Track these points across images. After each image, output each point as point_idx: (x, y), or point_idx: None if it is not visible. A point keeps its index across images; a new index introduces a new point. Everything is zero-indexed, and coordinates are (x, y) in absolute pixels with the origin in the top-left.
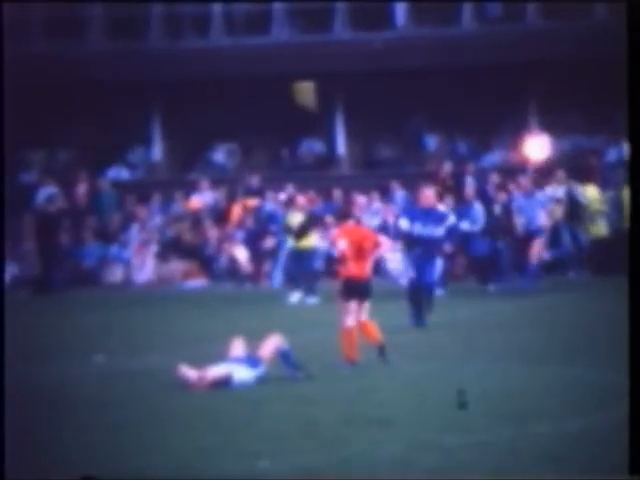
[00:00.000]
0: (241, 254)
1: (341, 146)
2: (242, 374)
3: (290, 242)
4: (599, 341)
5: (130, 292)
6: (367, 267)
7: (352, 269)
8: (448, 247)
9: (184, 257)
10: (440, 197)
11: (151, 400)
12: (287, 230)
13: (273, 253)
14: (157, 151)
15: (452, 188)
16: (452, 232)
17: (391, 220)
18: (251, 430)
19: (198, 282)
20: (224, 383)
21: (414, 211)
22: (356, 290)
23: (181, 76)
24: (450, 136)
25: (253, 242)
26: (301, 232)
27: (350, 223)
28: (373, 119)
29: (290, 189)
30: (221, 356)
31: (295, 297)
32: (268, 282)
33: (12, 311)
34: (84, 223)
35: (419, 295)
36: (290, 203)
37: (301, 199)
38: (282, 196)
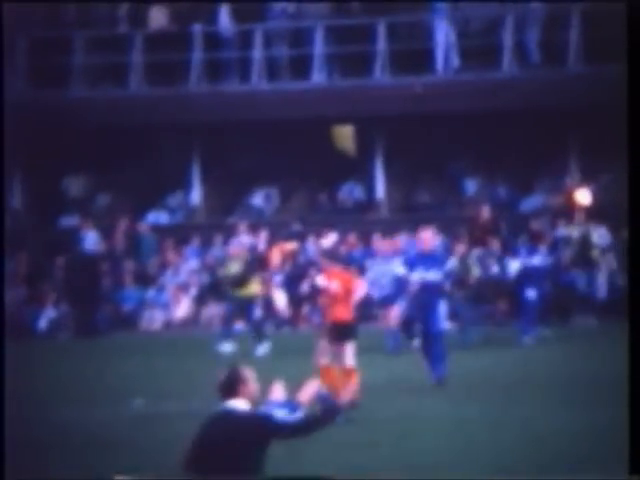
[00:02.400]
0: (279, 298)
1: (380, 190)
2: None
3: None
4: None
5: (168, 336)
6: (352, 310)
7: (342, 312)
8: (442, 289)
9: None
10: (481, 240)
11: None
12: (225, 279)
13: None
14: (196, 195)
15: (492, 231)
16: (449, 275)
17: None
18: (290, 472)
19: (236, 326)
20: None
21: (415, 256)
22: (346, 332)
23: (221, 120)
24: (490, 180)
25: (292, 286)
26: (240, 280)
27: (336, 266)
28: (413, 163)
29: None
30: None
31: (227, 347)
32: (307, 325)
33: (53, 354)
34: (123, 267)
35: (431, 346)
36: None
37: (235, 249)
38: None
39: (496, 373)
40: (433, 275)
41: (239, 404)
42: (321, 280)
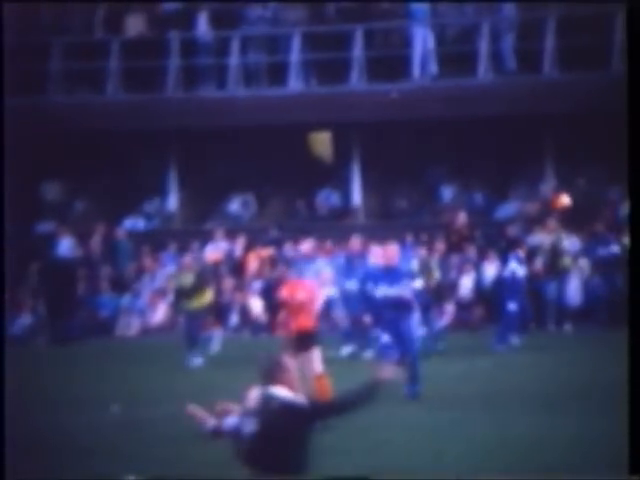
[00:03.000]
0: (256, 304)
1: (357, 197)
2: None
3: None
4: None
5: (144, 342)
6: (314, 318)
7: (306, 320)
8: (410, 307)
9: None
10: (457, 247)
11: (164, 451)
12: (179, 291)
13: None
14: (173, 201)
15: (469, 238)
16: (421, 294)
17: None
18: None
19: (213, 332)
20: (235, 434)
21: (376, 271)
22: (311, 340)
23: (197, 127)
24: (466, 187)
25: (269, 292)
26: (193, 292)
27: (293, 276)
28: (389, 170)
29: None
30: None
31: (196, 361)
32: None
33: (28, 360)
34: (100, 273)
35: (407, 364)
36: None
37: (188, 259)
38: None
39: (471, 380)
40: (400, 289)
41: (279, 392)
42: (283, 292)
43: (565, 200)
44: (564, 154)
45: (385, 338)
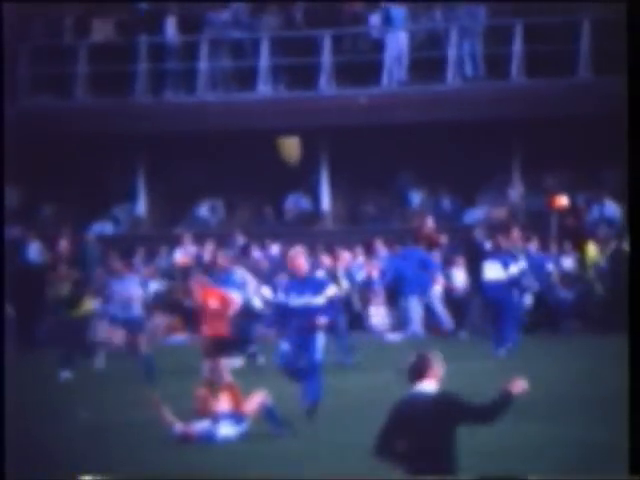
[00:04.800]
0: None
1: (326, 202)
2: (226, 430)
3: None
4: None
5: (112, 346)
6: (228, 325)
7: (221, 327)
8: (324, 319)
9: (168, 312)
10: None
11: (133, 456)
12: (56, 301)
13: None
14: (141, 206)
15: (437, 243)
16: (333, 303)
17: (375, 275)
18: None
19: (181, 337)
20: (207, 438)
21: (288, 280)
22: (223, 347)
23: (166, 131)
24: (434, 192)
25: None
26: (72, 301)
27: (204, 283)
28: (358, 174)
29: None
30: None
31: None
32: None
33: None
34: (68, 278)
35: (299, 377)
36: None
37: (63, 269)
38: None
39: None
40: (309, 299)
41: (428, 386)
42: (197, 298)
43: (563, 201)
44: (531, 160)
45: (285, 346)
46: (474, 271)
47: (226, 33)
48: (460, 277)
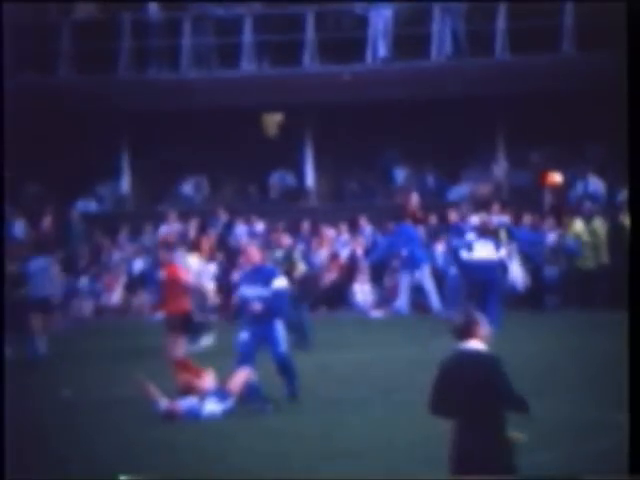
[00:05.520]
0: (208, 286)
1: (310, 178)
2: (211, 407)
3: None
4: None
5: (100, 324)
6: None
7: (184, 304)
8: (257, 306)
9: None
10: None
11: (119, 433)
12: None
13: None
14: (125, 183)
15: (423, 220)
16: (279, 294)
17: (359, 252)
18: (221, 464)
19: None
20: (193, 415)
21: (242, 270)
22: (185, 324)
23: (149, 108)
24: (419, 169)
25: (223, 275)
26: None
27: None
28: (342, 151)
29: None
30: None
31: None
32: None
33: None
34: (52, 256)
35: (279, 367)
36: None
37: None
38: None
39: (421, 361)
40: (260, 290)
41: (475, 344)
42: (160, 273)
43: (557, 178)
44: (516, 136)
45: (244, 335)
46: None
47: (209, 10)
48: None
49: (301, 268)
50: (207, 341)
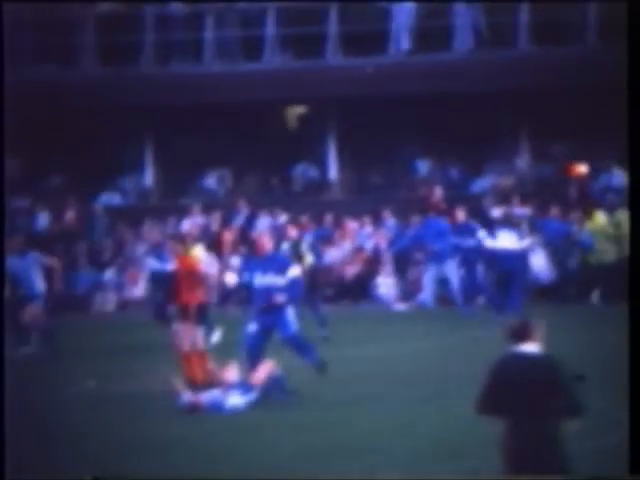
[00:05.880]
0: (231, 280)
1: (333, 171)
2: (234, 400)
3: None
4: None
5: (123, 316)
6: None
7: (202, 295)
8: (282, 297)
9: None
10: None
11: (142, 426)
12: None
13: None
14: (149, 177)
15: (445, 212)
16: (295, 283)
17: (382, 244)
18: (243, 457)
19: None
20: (216, 408)
21: (252, 260)
22: (203, 315)
23: (173, 102)
24: (442, 161)
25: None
26: None
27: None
28: (365, 144)
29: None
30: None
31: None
32: None
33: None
34: (77, 249)
35: (292, 347)
36: None
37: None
38: None
39: (447, 354)
40: (273, 278)
41: (530, 347)
42: (171, 265)
43: (582, 168)
44: (539, 128)
45: (252, 328)
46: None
47: (232, 3)
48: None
49: (309, 260)
50: (216, 337)
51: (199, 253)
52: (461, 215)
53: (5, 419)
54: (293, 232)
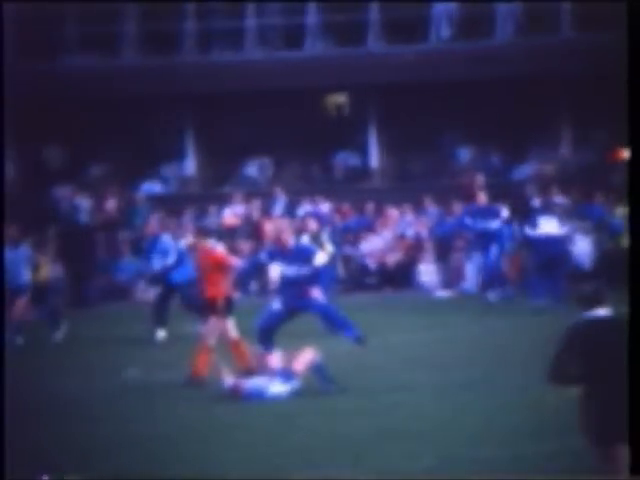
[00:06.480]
0: (273, 269)
1: (374, 159)
2: (276, 388)
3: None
4: None
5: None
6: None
7: (228, 286)
8: (316, 292)
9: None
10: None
11: (184, 413)
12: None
13: None
14: (190, 165)
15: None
16: (323, 269)
17: (424, 232)
18: (284, 443)
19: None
20: (257, 395)
21: (275, 250)
22: (231, 306)
23: (214, 90)
24: (483, 148)
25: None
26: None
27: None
28: (406, 131)
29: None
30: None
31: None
32: None
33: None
34: (118, 237)
35: (326, 321)
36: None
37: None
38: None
39: (487, 339)
40: (297, 269)
41: (604, 312)
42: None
43: (625, 153)
44: (580, 114)
45: (276, 305)
46: (525, 227)
47: None
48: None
49: (329, 249)
50: (161, 335)
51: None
52: (482, 198)
53: (27, 410)
54: (313, 225)
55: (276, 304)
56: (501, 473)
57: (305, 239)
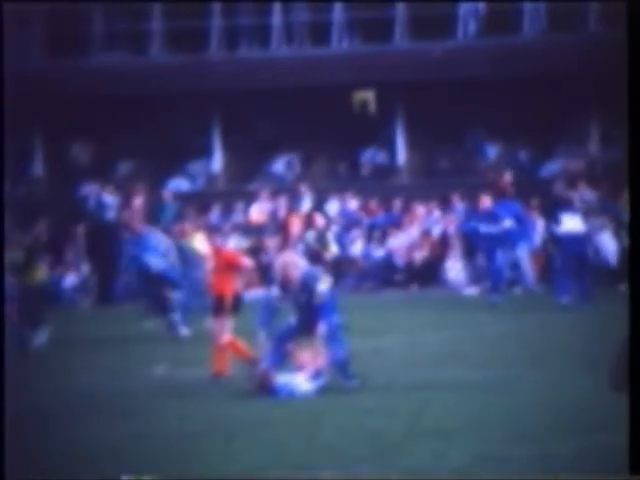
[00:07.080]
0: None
1: (401, 156)
2: (306, 385)
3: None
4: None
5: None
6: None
7: (238, 284)
8: (324, 285)
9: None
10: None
11: (211, 410)
12: (10, 267)
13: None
14: (217, 162)
15: (515, 197)
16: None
17: (451, 229)
18: (312, 441)
19: (258, 292)
20: (287, 392)
21: (282, 286)
22: (239, 304)
23: (241, 87)
24: (511, 145)
25: (312, 255)
26: (24, 267)
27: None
28: (433, 128)
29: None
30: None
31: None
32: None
33: (74, 320)
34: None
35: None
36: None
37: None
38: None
39: (515, 337)
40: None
41: None
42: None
43: None
44: (608, 111)
45: (291, 320)
46: (551, 224)
47: None
48: (539, 229)
49: (333, 250)
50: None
51: (200, 242)
52: (486, 201)
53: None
54: (320, 221)
55: (292, 318)
56: (530, 472)
57: (311, 235)
